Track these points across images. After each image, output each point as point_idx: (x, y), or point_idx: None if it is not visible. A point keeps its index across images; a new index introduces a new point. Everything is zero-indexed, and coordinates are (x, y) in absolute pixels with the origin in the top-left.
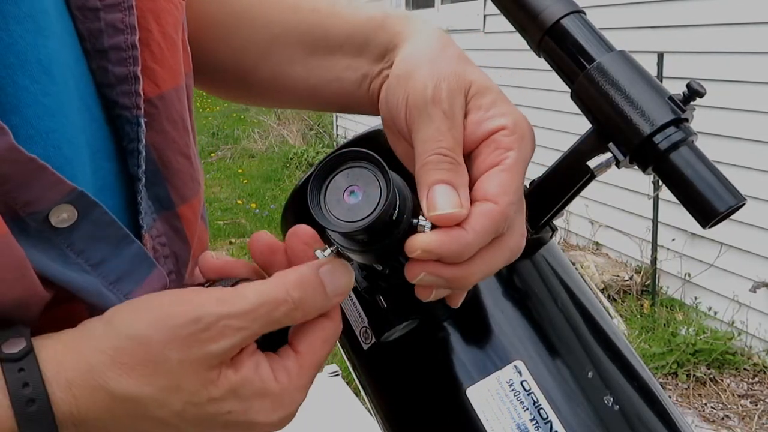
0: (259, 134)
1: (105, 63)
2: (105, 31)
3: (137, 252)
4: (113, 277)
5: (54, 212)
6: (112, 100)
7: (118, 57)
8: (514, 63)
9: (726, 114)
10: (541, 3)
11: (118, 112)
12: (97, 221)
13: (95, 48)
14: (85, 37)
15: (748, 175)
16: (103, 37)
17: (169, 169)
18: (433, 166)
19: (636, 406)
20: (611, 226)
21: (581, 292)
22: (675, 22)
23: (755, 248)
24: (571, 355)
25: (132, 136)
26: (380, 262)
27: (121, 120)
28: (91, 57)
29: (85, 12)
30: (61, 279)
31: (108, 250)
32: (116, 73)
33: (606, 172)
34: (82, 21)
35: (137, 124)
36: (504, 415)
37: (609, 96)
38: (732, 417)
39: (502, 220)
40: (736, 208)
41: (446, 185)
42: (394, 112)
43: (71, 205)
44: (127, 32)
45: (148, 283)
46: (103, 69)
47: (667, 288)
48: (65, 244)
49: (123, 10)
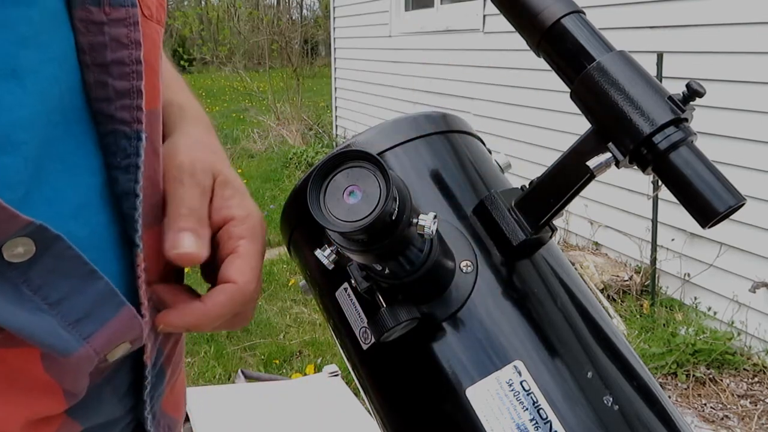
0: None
1: (105, 77)
2: (108, 45)
3: (104, 290)
4: (73, 317)
5: (7, 246)
6: (107, 115)
7: (120, 71)
8: (514, 63)
9: (725, 114)
10: (540, 3)
11: (114, 127)
12: (59, 255)
13: (95, 62)
14: (85, 50)
15: (747, 175)
16: (105, 51)
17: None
18: (183, 217)
19: (635, 406)
20: (611, 226)
21: (581, 292)
22: (674, 22)
23: (755, 248)
24: (570, 355)
25: (129, 150)
26: (380, 262)
27: (116, 135)
28: (89, 70)
29: (88, 25)
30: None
31: (69, 287)
32: (117, 88)
33: (605, 172)
34: (84, 34)
35: (137, 139)
36: (503, 416)
37: (608, 96)
38: (731, 417)
39: (240, 296)
40: (735, 208)
41: (191, 232)
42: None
43: (29, 239)
44: (132, 47)
45: (114, 324)
46: (102, 83)
47: (667, 288)
48: (21, 280)
49: (129, 25)
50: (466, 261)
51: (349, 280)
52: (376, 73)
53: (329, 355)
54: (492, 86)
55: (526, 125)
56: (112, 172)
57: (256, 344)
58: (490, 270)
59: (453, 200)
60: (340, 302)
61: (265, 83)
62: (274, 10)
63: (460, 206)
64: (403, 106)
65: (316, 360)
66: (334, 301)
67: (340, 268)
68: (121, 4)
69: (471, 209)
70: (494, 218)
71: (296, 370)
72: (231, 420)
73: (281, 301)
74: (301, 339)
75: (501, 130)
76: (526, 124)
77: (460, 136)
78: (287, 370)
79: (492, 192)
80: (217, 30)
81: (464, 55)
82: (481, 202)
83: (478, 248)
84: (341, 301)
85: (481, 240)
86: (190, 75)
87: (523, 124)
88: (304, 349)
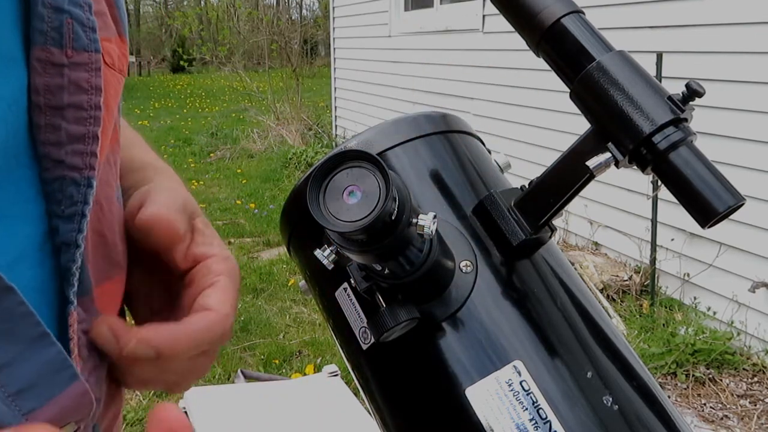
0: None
1: (58, 120)
2: (66, 88)
3: (55, 358)
4: (14, 388)
5: None
6: (56, 160)
7: (76, 116)
8: (514, 63)
9: (725, 114)
10: (540, 3)
11: (62, 173)
12: (9, 312)
13: (50, 104)
14: (39, 91)
15: (747, 175)
16: (62, 93)
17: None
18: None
19: (635, 406)
20: (610, 226)
21: (580, 292)
22: (674, 22)
23: (754, 248)
24: (570, 355)
25: (77, 198)
26: (380, 262)
27: (64, 181)
28: (40, 112)
29: (46, 66)
30: None
31: (15, 352)
32: (71, 132)
33: (605, 172)
34: (41, 74)
35: (88, 186)
36: (503, 415)
37: (608, 96)
38: (731, 417)
39: (217, 324)
40: (735, 208)
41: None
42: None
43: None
44: (92, 92)
45: (61, 401)
46: (54, 126)
47: (666, 288)
48: None
49: (90, 70)
50: (465, 261)
51: (349, 280)
52: (375, 73)
53: (329, 355)
54: (491, 86)
55: (525, 125)
56: (53, 221)
57: (255, 344)
58: (490, 270)
59: (452, 200)
60: (339, 302)
61: (264, 83)
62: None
63: (459, 206)
64: (402, 106)
65: (316, 360)
66: (333, 301)
67: (340, 268)
68: (85, 48)
69: (470, 209)
70: (494, 218)
71: (296, 370)
72: (231, 420)
73: (281, 301)
74: (300, 339)
75: (500, 130)
76: (525, 124)
77: (459, 136)
78: (287, 370)
79: (491, 192)
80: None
81: (464, 55)
82: (481, 202)
83: (478, 248)
84: (341, 301)
85: (480, 240)
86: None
87: (523, 124)
88: (303, 349)
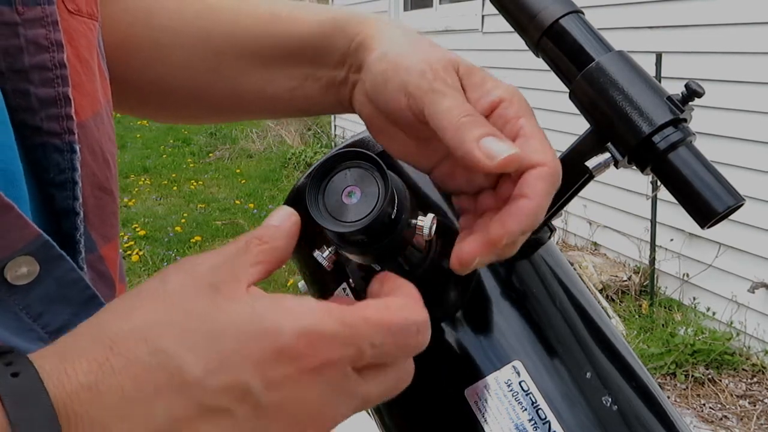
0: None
1: (25, 85)
2: (25, 48)
3: None
4: None
5: (11, 265)
6: (33, 126)
7: (42, 77)
8: (513, 63)
9: (724, 114)
10: (539, 3)
11: (42, 140)
12: (61, 279)
13: (12, 68)
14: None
15: (746, 176)
16: (22, 55)
17: (88, 206)
18: (470, 125)
19: (634, 407)
20: (609, 227)
21: (579, 293)
22: (673, 22)
23: (754, 249)
24: (569, 355)
25: (63, 165)
26: (379, 262)
27: (46, 148)
28: (4, 77)
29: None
30: None
31: (70, 315)
32: (40, 96)
33: (604, 172)
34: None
35: (71, 151)
36: (502, 416)
37: (607, 96)
38: (730, 417)
39: (557, 177)
40: (734, 208)
41: (492, 136)
42: (391, 106)
43: (32, 257)
44: (53, 50)
45: None
46: (22, 91)
47: (666, 288)
48: (20, 306)
49: (46, 25)
50: None
51: (349, 280)
52: None
53: None
54: None
55: None
56: (48, 190)
57: None
58: (489, 270)
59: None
60: None
61: None
62: None
63: None
64: None
65: None
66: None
67: (339, 268)
68: (36, 2)
69: None
70: None
71: None
72: None
73: None
74: None
75: None
76: None
77: None
78: None
79: None
80: None
81: (463, 55)
82: None
83: None
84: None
85: None
86: None
87: None
88: None
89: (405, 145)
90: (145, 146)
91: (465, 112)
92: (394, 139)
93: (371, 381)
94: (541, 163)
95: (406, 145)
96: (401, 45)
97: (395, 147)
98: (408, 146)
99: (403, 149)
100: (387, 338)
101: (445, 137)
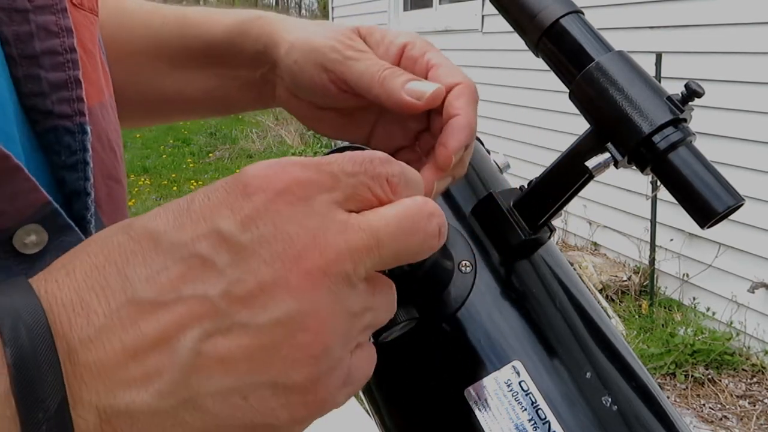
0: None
1: (36, 70)
2: (36, 34)
3: None
4: None
5: (20, 233)
6: (44, 111)
7: (53, 62)
8: (513, 63)
9: (724, 114)
10: (539, 3)
11: (54, 123)
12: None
13: (24, 54)
14: (10, 42)
15: (746, 176)
16: (33, 41)
17: (99, 193)
18: (391, 77)
19: (634, 407)
20: (609, 227)
21: (579, 293)
22: (673, 22)
23: (754, 249)
24: (569, 355)
25: (75, 147)
26: None
27: (57, 132)
28: (16, 63)
29: (11, 14)
30: None
31: None
32: (51, 80)
33: (604, 172)
34: (8, 24)
35: (82, 132)
36: (502, 416)
37: (607, 96)
38: (730, 417)
39: (473, 89)
40: (734, 208)
41: (413, 80)
42: (314, 89)
43: (40, 226)
44: (63, 35)
45: None
46: (33, 77)
47: (666, 288)
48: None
49: (56, 12)
50: (464, 261)
51: None
52: None
53: None
54: (490, 86)
55: (524, 125)
56: (59, 173)
57: None
58: (489, 270)
59: (451, 200)
60: None
61: None
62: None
63: (458, 206)
64: None
65: None
66: None
67: None
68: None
69: (470, 209)
70: (493, 218)
71: None
72: None
73: None
74: None
75: (499, 130)
76: (524, 125)
77: None
78: None
79: (491, 192)
80: None
81: (463, 55)
82: (480, 202)
83: (477, 248)
84: None
85: (479, 240)
86: None
87: (522, 125)
88: None
89: (337, 125)
90: (145, 146)
91: (382, 66)
92: (325, 122)
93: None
94: (456, 83)
95: (338, 124)
96: (303, 31)
97: (329, 129)
98: (340, 124)
99: (337, 128)
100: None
101: (372, 94)
